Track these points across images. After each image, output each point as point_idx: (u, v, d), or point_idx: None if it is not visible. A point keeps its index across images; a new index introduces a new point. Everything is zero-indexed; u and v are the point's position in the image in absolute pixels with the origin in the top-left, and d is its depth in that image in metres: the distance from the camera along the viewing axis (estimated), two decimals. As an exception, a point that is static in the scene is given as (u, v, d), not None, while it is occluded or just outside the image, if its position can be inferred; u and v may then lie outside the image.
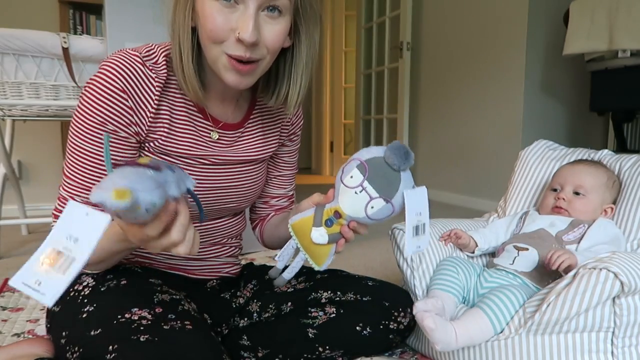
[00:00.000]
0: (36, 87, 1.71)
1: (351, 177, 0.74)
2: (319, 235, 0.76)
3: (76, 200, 0.78)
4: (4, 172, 1.97)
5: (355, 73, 4.53)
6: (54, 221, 0.80)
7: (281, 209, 1.04)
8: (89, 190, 0.78)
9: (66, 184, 0.79)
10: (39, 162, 2.83)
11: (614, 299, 0.79)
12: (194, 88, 0.77)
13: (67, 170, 0.79)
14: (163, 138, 0.80)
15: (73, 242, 0.52)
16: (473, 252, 1.12)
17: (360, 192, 0.73)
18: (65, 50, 1.67)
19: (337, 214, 0.76)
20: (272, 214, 1.03)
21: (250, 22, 0.70)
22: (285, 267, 0.79)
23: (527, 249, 0.99)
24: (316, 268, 0.78)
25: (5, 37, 1.60)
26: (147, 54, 0.79)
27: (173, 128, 0.81)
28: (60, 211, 0.79)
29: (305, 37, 0.81)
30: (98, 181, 0.76)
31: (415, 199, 0.73)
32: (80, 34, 2.29)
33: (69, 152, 0.78)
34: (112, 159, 0.71)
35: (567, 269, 0.86)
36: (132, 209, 0.51)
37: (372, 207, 0.73)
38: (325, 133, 5.59)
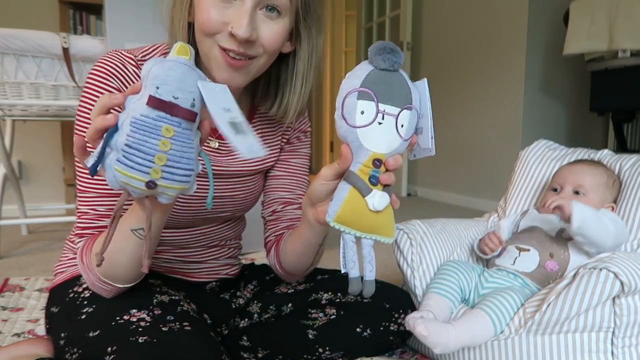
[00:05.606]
0: (36, 87, 1.71)
1: (361, 112, 0.59)
2: (379, 198, 0.60)
3: (98, 212, 0.73)
4: (4, 172, 1.97)
5: (356, 73, 4.53)
6: (79, 240, 0.74)
7: (294, 219, 0.92)
8: (109, 196, 0.73)
9: (83, 197, 0.74)
10: (39, 162, 2.83)
11: (614, 299, 0.79)
12: None
13: (80, 185, 0.74)
14: None
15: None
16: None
17: (383, 118, 0.59)
18: (66, 50, 1.67)
19: (377, 162, 0.61)
20: (284, 232, 0.91)
21: (245, 18, 0.67)
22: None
23: (528, 250, 1.00)
24: (389, 241, 0.64)
25: (5, 37, 1.61)
26: (142, 56, 0.77)
27: None
28: (82, 229, 0.74)
29: (307, 44, 0.78)
30: None
31: (421, 89, 0.63)
32: (80, 34, 2.29)
33: (79, 163, 0.74)
34: None
35: (558, 211, 0.93)
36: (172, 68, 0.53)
37: (402, 126, 0.61)
38: (325, 133, 5.60)
